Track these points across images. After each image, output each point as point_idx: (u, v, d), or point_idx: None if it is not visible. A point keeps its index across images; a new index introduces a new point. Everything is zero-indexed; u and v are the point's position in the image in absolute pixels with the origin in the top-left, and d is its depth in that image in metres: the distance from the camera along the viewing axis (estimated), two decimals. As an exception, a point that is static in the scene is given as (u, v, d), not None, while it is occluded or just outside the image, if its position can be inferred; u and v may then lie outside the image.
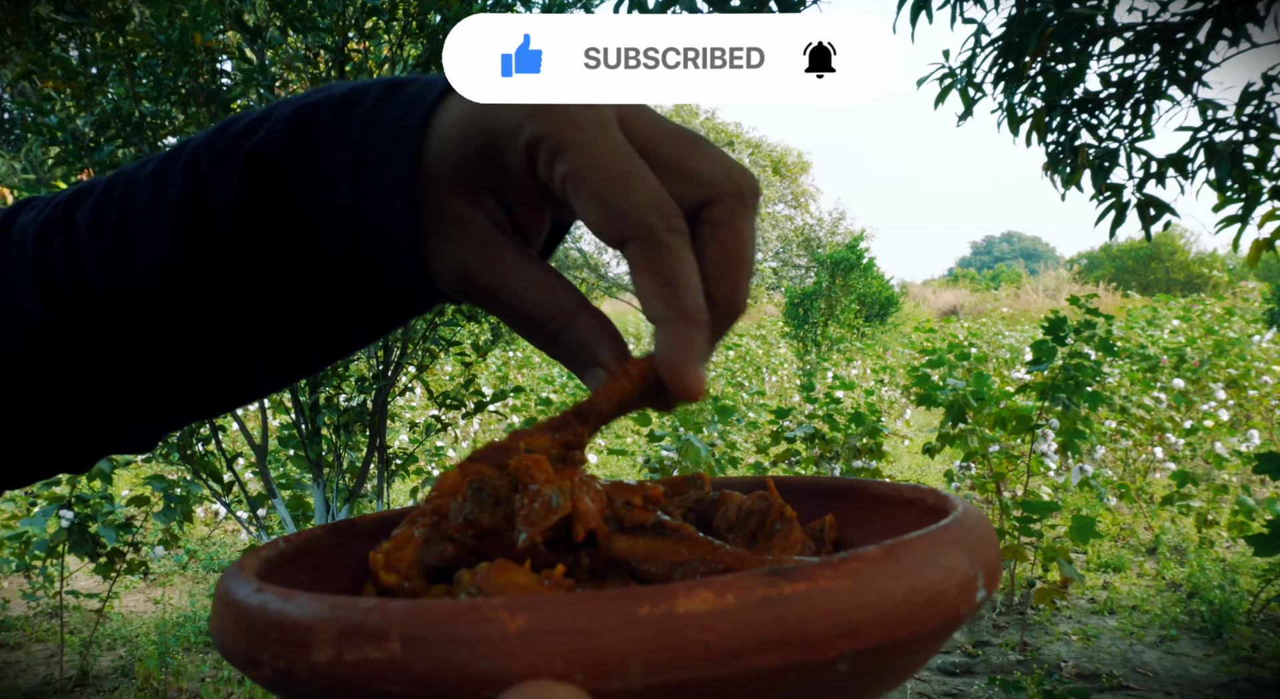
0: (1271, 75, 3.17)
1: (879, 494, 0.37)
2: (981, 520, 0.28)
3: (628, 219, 0.33)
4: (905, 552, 0.24)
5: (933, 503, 0.33)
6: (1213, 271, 25.15)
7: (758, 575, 0.22)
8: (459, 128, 0.36)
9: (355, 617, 0.22)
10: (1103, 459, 6.68)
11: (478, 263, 0.36)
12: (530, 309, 0.35)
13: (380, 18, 2.77)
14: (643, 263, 0.33)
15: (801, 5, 2.38)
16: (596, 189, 0.33)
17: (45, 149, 2.61)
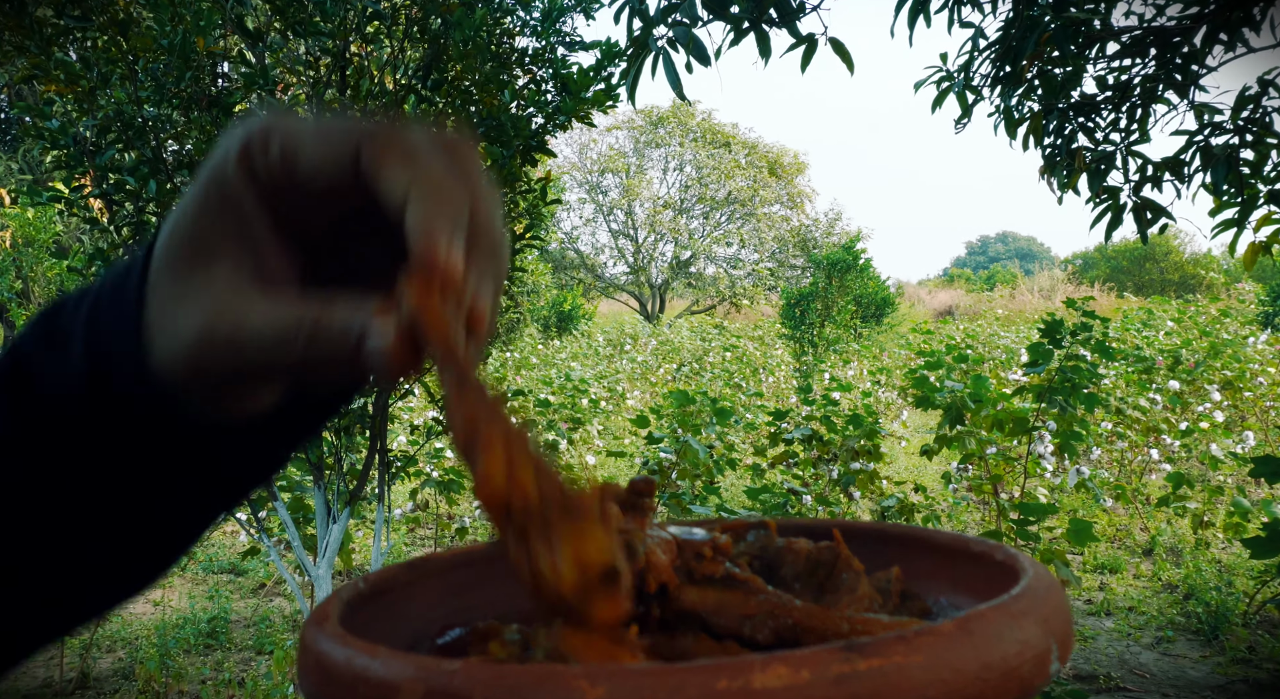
0: (1267, 79, 3.19)
1: (944, 545, 0.36)
2: (1053, 586, 0.28)
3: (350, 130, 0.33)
4: (979, 625, 0.24)
5: (1000, 559, 0.33)
6: (1208, 273, 25.21)
7: (833, 650, 0.22)
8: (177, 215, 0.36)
9: (441, 679, 0.22)
10: (1099, 460, 6.70)
11: (214, 313, 0.34)
12: (278, 325, 0.33)
13: (382, 22, 2.78)
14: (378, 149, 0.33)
15: (800, 13, 2.39)
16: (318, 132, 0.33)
17: (44, 151, 2.62)
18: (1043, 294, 28.09)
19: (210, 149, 0.38)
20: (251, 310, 0.34)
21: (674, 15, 2.32)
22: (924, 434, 9.39)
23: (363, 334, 0.32)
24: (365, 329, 0.32)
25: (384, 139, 0.33)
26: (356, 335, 0.32)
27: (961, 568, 0.35)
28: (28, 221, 8.91)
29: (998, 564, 0.33)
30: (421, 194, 0.32)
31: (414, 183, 0.32)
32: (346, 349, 0.32)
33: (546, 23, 3.07)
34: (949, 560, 0.36)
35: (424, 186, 0.32)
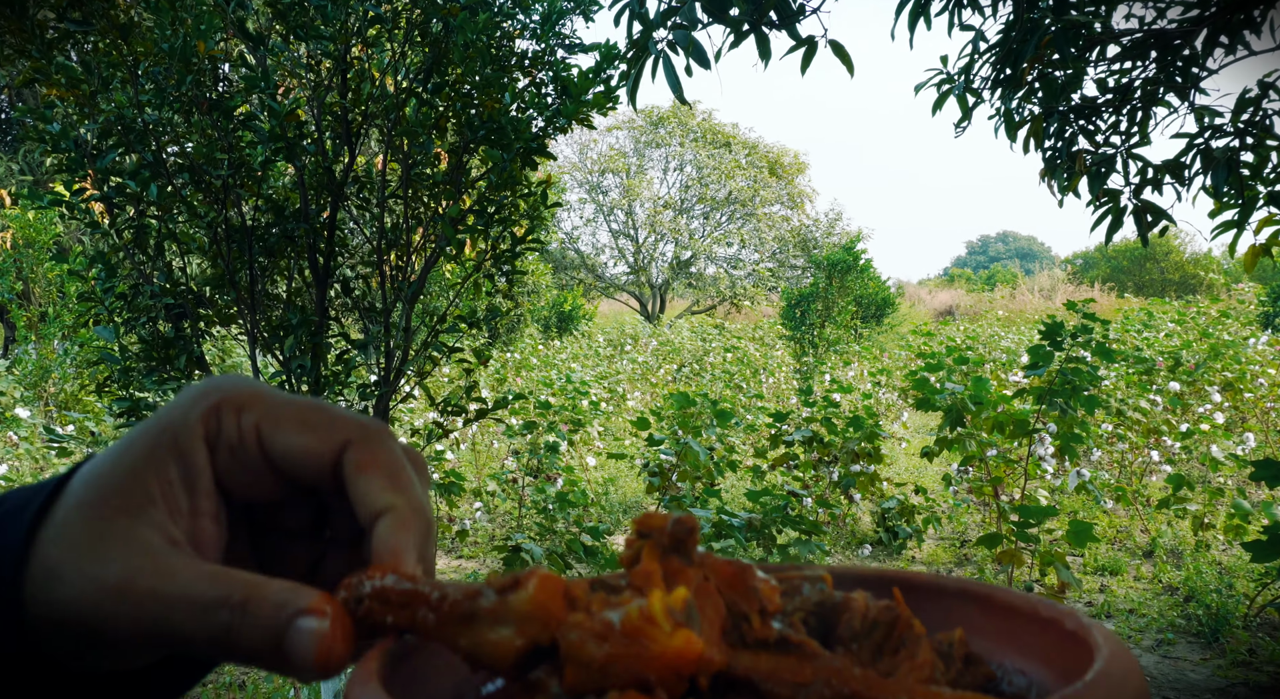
0: (1268, 82, 3.19)
1: (1010, 605, 0.34)
2: (1131, 669, 0.26)
3: (338, 426, 0.34)
4: None
5: (1071, 628, 0.31)
6: (1208, 273, 25.21)
7: None
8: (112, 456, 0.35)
9: None
10: (1099, 462, 6.70)
11: (137, 567, 0.32)
12: (201, 595, 0.31)
13: (383, 25, 2.78)
14: (364, 459, 0.34)
15: (800, 15, 2.39)
16: (298, 416, 0.34)
17: (45, 154, 2.62)
18: (1043, 294, 28.10)
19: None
20: (181, 569, 0.32)
21: (673, 18, 2.32)
22: (924, 436, 9.39)
23: (295, 614, 0.31)
24: (299, 610, 0.31)
25: (369, 449, 0.34)
26: (289, 615, 0.31)
27: (1029, 632, 0.33)
28: (28, 223, 8.91)
29: (1068, 633, 0.31)
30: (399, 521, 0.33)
31: (393, 508, 0.34)
32: (275, 627, 0.31)
33: (546, 26, 3.07)
34: (1015, 623, 0.34)
35: (402, 514, 0.33)
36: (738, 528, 4.42)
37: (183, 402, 0.35)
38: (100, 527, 0.33)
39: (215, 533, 0.36)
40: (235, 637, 0.31)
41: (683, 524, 0.31)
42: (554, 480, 5.51)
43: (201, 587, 0.32)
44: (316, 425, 0.35)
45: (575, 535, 4.85)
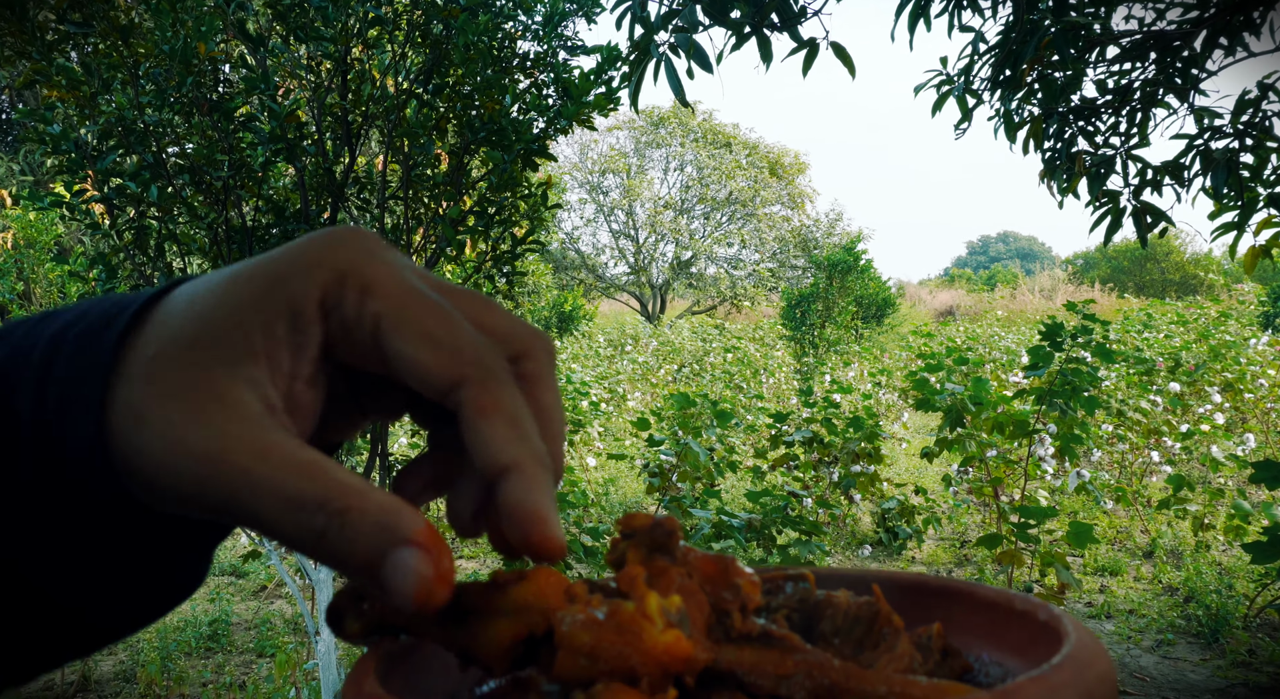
0: (1267, 83, 3.19)
1: (987, 600, 0.35)
2: (1097, 654, 0.27)
3: (463, 356, 0.30)
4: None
5: (1044, 619, 0.32)
6: (1209, 274, 25.22)
7: None
8: (216, 293, 0.31)
9: None
10: (1099, 463, 6.70)
11: (230, 439, 0.29)
12: (296, 491, 0.28)
13: (383, 27, 2.79)
14: (485, 402, 0.30)
15: (801, 17, 2.39)
16: (423, 326, 0.30)
17: (46, 155, 2.62)
18: (1044, 294, 28.10)
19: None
20: (277, 449, 0.29)
21: (675, 21, 2.32)
22: (925, 436, 9.39)
23: (397, 541, 0.28)
24: (403, 538, 0.28)
25: (490, 390, 0.30)
26: (390, 540, 0.28)
27: (1004, 625, 0.34)
28: (29, 223, 8.92)
29: (1040, 624, 0.32)
30: (530, 481, 0.30)
31: (519, 465, 0.30)
32: (373, 550, 0.28)
33: (548, 27, 3.08)
34: (992, 617, 0.35)
35: (530, 472, 0.30)
36: (738, 528, 4.42)
37: (303, 256, 0.31)
38: (195, 376, 0.30)
39: (313, 401, 0.32)
40: (327, 545, 0.29)
41: (663, 526, 0.31)
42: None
43: (298, 481, 0.29)
44: (440, 343, 0.30)
45: (575, 536, 4.86)
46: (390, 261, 0.31)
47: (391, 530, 0.28)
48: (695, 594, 0.30)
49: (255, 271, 0.31)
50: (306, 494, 0.28)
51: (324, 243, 0.31)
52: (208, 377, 0.30)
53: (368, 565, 0.28)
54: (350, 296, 0.31)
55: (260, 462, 0.29)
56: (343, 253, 0.31)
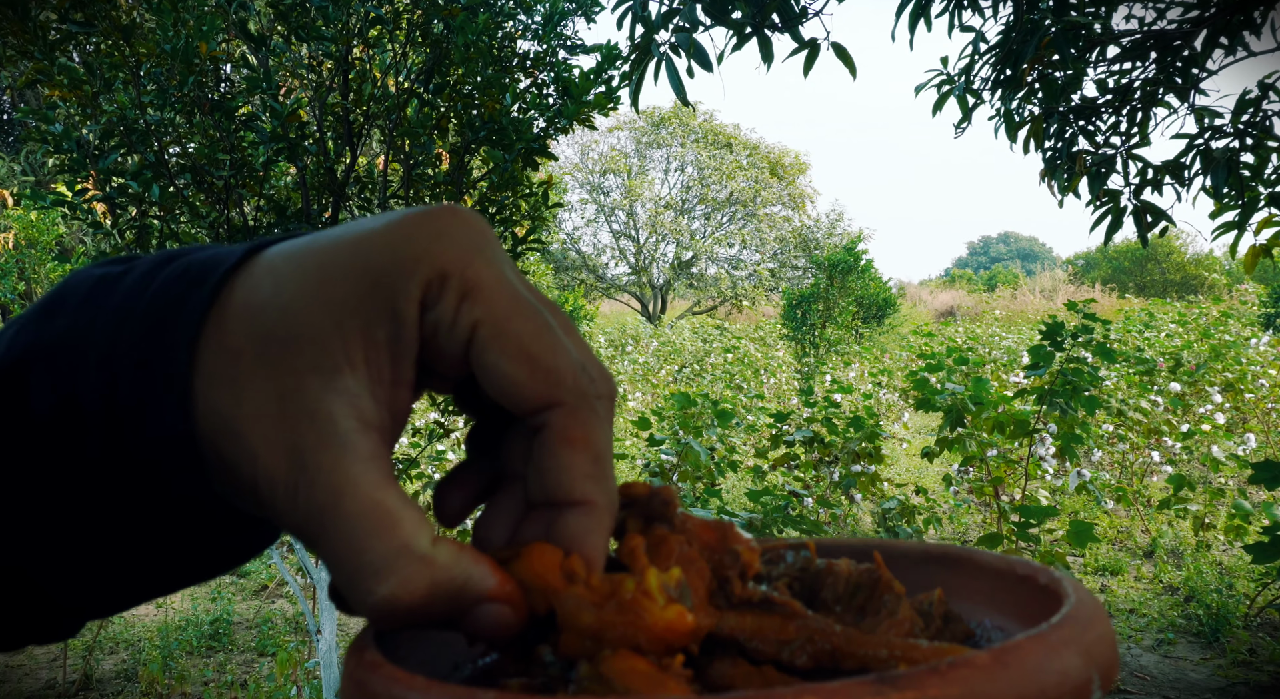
0: (1268, 83, 3.19)
1: (989, 566, 0.35)
2: (1097, 613, 0.27)
3: (561, 379, 0.29)
4: (1015, 656, 0.23)
5: (1044, 582, 0.32)
6: (1210, 274, 25.21)
7: (864, 683, 0.22)
8: (309, 286, 0.29)
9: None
10: (1100, 462, 6.70)
11: (313, 467, 0.28)
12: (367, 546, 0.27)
13: (384, 26, 2.79)
14: (574, 432, 0.29)
15: (802, 18, 2.40)
16: (522, 342, 0.29)
17: (47, 155, 2.63)
18: (1044, 295, 28.10)
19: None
20: (362, 481, 0.28)
21: (675, 20, 2.32)
22: (925, 436, 9.40)
23: (480, 599, 0.28)
24: (484, 596, 0.28)
25: (582, 421, 0.29)
26: (474, 597, 0.28)
27: (1006, 590, 0.34)
28: (30, 223, 8.92)
29: (1041, 588, 0.32)
30: (597, 522, 0.29)
31: (591, 504, 0.29)
32: (457, 604, 0.28)
33: (548, 26, 3.08)
34: (993, 582, 0.35)
35: (599, 514, 0.29)
36: (739, 528, 4.43)
37: (405, 251, 0.29)
38: (287, 385, 0.28)
39: (406, 405, 0.31)
40: (404, 590, 0.27)
41: (660, 495, 0.31)
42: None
43: (368, 538, 0.27)
44: (538, 361, 0.29)
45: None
46: (494, 260, 0.29)
47: (474, 585, 0.28)
48: (695, 562, 0.30)
49: (352, 266, 0.29)
50: (373, 550, 0.27)
51: (427, 234, 0.29)
52: (299, 386, 0.28)
53: (449, 613, 0.28)
54: (449, 299, 0.28)
55: (341, 497, 0.27)
56: (447, 250, 0.29)
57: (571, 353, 0.29)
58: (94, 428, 0.29)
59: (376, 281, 0.28)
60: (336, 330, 0.28)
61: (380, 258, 0.29)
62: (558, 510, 0.30)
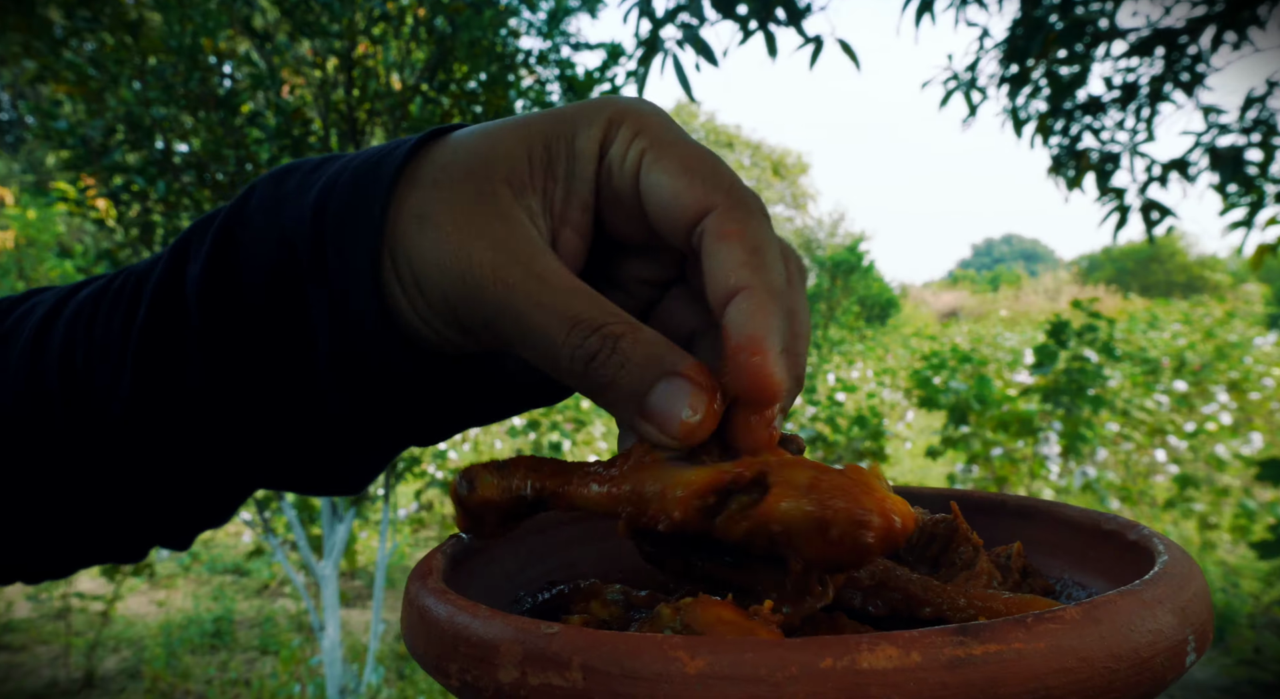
0: (1274, 80, 3.18)
1: (1071, 520, 0.34)
2: (1192, 572, 0.26)
3: (719, 182, 0.30)
4: (1107, 612, 0.22)
5: (1134, 539, 0.31)
6: (1214, 274, 25.19)
7: (946, 632, 0.21)
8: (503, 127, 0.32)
9: (539, 642, 0.22)
10: (1104, 462, 6.69)
11: (512, 255, 0.30)
12: (575, 311, 0.29)
13: (388, 23, 2.79)
14: (730, 227, 0.29)
15: (807, 12, 2.39)
16: (684, 158, 0.30)
17: (56, 152, 2.63)
18: (1048, 296, 28.09)
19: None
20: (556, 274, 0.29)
21: (682, 16, 2.32)
22: (929, 435, 9.39)
23: (669, 372, 0.28)
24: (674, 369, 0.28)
25: (737, 216, 0.29)
26: (662, 369, 0.28)
27: (1090, 546, 0.33)
28: (29, 222, 8.94)
29: (1130, 544, 0.31)
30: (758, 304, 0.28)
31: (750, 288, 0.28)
32: (644, 375, 0.28)
33: (552, 24, 3.08)
34: (1076, 537, 0.34)
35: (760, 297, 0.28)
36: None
37: (587, 105, 0.32)
38: (482, 190, 0.31)
39: (577, 249, 0.33)
40: (597, 368, 0.28)
41: (794, 442, 0.30)
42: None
43: (576, 301, 0.29)
44: (697, 172, 0.30)
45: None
46: (660, 114, 0.32)
47: (662, 361, 0.28)
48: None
49: (542, 115, 0.32)
50: (583, 315, 0.29)
51: (604, 98, 0.33)
52: (493, 195, 0.31)
53: (634, 393, 0.28)
54: (623, 135, 0.31)
55: (539, 280, 0.29)
56: (622, 102, 0.32)
57: (729, 169, 0.31)
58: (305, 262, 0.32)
59: (563, 123, 0.32)
60: (526, 158, 0.31)
61: (567, 110, 0.32)
62: (721, 314, 0.29)
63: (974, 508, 0.36)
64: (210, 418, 0.35)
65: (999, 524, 0.36)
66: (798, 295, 0.31)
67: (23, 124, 11.17)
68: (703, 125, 27.19)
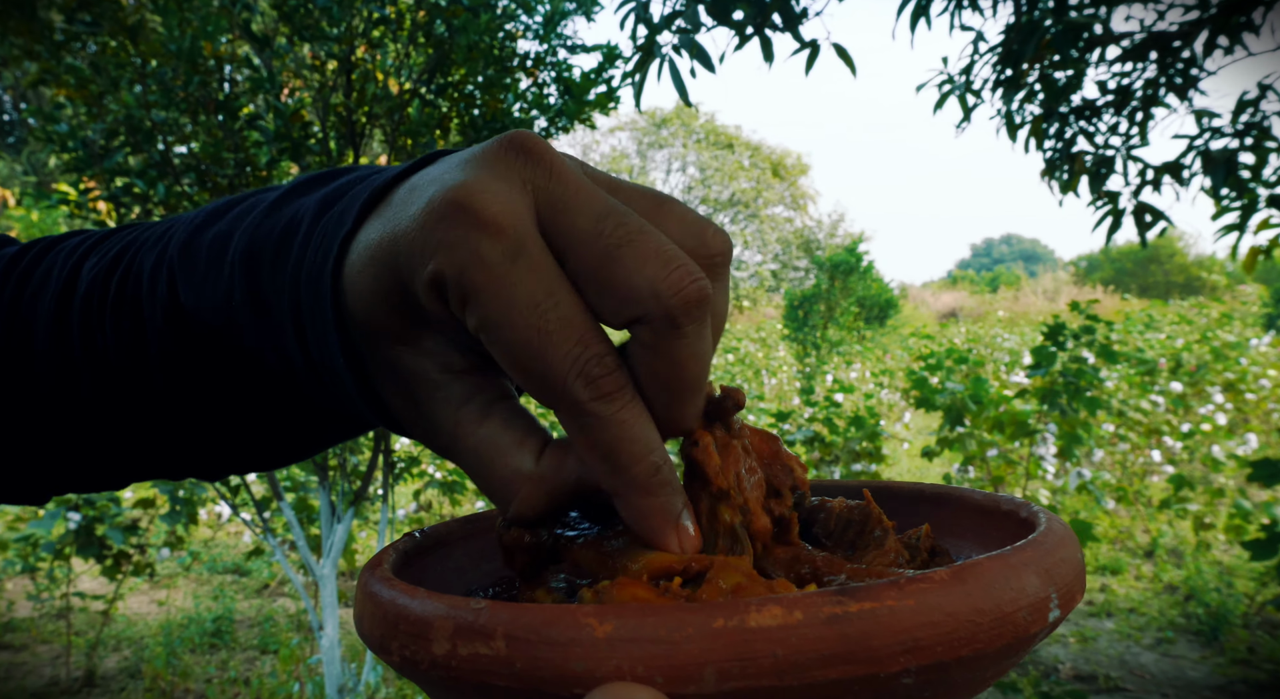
0: (1267, 83, 3.20)
1: (976, 504, 0.37)
2: (1064, 539, 0.28)
3: (550, 390, 0.28)
4: (973, 573, 0.25)
5: (1025, 516, 0.34)
6: (1211, 275, 25.19)
7: (825, 593, 0.23)
8: (369, 266, 0.30)
9: (467, 616, 0.25)
10: (1100, 462, 6.71)
11: (427, 418, 0.32)
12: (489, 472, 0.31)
13: (387, 27, 2.81)
14: (576, 435, 0.28)
15: (803, 17, 2.41)
16: (511, 351, 0.27)
17: (57, 154, 2.64)
18: (1047, 296, 28.08)
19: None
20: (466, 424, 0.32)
21: (678, 22, 2.34)
22: (926, 436, 9.40)
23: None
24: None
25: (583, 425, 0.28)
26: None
27: (990, 525, 0.36)
28: (31, 223, 8.93)
29: (1021, 521, 0.34)
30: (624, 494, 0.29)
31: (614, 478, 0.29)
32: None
33: (549, 27, 3.10)
34: (979, 518, 0.37)
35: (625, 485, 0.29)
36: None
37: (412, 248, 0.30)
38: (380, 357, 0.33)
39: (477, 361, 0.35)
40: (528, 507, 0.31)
41: (732, 397, 0.31)
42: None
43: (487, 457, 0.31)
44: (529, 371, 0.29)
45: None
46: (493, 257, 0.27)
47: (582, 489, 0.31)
48: (754, 471, 0.31)
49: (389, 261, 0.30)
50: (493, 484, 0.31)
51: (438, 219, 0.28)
52: (398, 358, 0.32)
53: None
54: (453, 303, 0.28)
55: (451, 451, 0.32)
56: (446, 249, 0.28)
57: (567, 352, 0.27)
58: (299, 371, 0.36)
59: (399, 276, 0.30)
60: (394, 312, 0.31)
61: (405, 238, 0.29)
62: None
63: (888, 495, 0.40)
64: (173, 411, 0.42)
65: (913, 510, 0.39)
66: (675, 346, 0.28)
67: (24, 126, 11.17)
68: (702, 126, 27.19)
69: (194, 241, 0.39)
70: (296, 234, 0.35)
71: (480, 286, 0.27)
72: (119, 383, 0.42)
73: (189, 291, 0.38)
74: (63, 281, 0.45)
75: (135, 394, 0.42)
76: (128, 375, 0.42)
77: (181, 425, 0.42)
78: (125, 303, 0.42)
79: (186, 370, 0.40)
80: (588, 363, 0.27)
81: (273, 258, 0.35)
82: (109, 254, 0.45)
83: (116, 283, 0.43)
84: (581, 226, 0.28)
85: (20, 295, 0.46)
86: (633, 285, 0.27)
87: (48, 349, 0.44)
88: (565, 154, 0.30)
